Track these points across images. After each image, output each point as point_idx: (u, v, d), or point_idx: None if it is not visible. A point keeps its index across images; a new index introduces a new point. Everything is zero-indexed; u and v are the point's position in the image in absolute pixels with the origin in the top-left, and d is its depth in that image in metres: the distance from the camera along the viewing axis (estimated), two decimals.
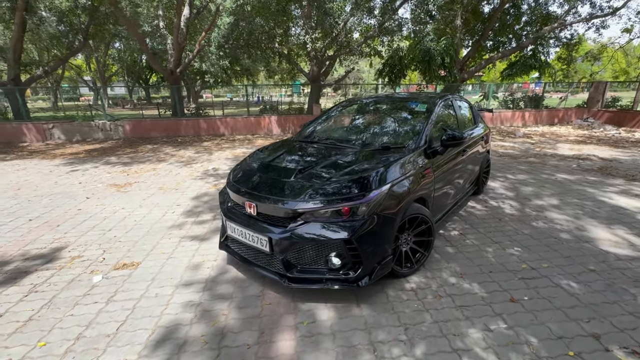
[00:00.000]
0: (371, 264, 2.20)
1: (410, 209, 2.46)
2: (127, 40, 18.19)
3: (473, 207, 4.17)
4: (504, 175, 5.71)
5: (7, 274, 2.76)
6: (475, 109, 4.47)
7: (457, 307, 2.25)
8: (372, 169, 2.36)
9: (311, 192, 2.20)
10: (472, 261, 2.86)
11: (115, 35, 17.02)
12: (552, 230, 3.47)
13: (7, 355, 1.90)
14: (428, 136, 2.88)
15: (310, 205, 2.14)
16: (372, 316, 2.18)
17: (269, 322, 2.14)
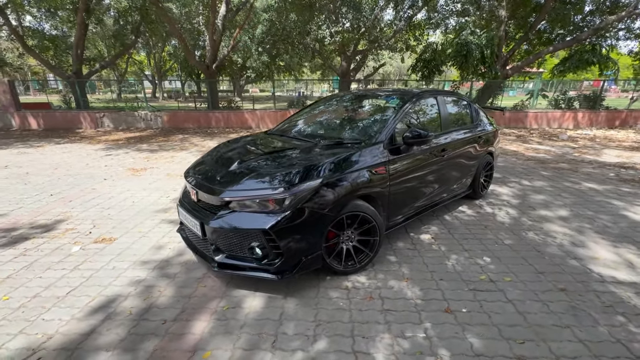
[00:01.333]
0: (295, 257, 2.21)
1: (350, 206, 2.40)
2: (191, 38, 19.52)
3: (462, 212, 3.90)
4: (519, 180, 5.22)
5: (11, 239, 3.24)
6: (475, 107, 4.16)
7: (382, 311, 2.17)
8: (308, 163, 2.35)
9: (242, 181, 2.27)
10: (427, 266, 2.71)
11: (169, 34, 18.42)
12: (539, 243, 3.13)
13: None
14: (389, 133, 2.77)
15: (237, 194, 2.20)
16: (292, 309, 2.20)
17: (195, 303, 2.26)
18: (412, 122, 3.08)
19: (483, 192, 4.35)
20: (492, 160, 4.34)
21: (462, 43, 11.21)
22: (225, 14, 11.77)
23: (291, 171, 2.28)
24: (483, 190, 4.35)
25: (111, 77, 28.96)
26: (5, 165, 6.22)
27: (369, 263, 2.65)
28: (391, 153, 2.72)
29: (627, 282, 2.52)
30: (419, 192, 3.12)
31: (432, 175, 3.23)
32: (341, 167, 2.38)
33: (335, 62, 13.81)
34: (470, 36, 11.34)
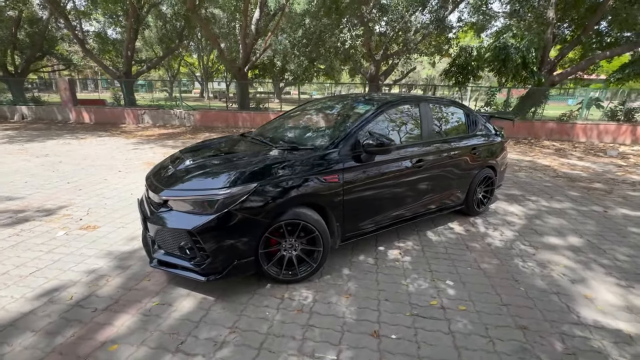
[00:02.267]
0: (224, 260, 2.19)
1: (290, 214, 2.33)
2: (227, 42, 20.60)
3: (449, 228, 3.60)
4: (537, 199, 4.70)
5: (15, 219, 3.62)
6: (474, 117, 3.82)
7: (304, 326, 2.07)
8: (248, 166, 2.32)
9: (183, 182, 2.30)
10: (378, 284, 2.53)
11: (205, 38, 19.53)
12: (523, 272, 2.78)
13: None
14: (348, 140, 2.65)
15: (174, 194, 2.24)
16: (216, 312, 2.18)
17: (131, 295, 2.34)
18: (381, 130, 2.90)
19: (481, 208, 3.98)
20: (492, 175, 3.95)
21: (501, 47, 10.43)
22: (259, 18, 12.16)
23: (229, 174, 2.27)
24: (481, 206, 3.98)
25: (165, 78, 31.35)
26: (46, 154, 7.00)
27: (313, 274, 2.54)
28: (351, 161, 2.60)
29: (610, 328, 2.13)
30: (386, 203, 2.94)
31: (405, 187, 3.02)
32: (281, 172, 2.32)
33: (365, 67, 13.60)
34: (511, 39, 10.52)
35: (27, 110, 13.16)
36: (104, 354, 1.82)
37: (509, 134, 10.65)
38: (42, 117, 13.12)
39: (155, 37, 14.41)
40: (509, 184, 5.42)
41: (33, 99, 13.79)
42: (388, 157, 2.83)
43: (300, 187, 2.35)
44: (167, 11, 12.10)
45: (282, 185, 2.29)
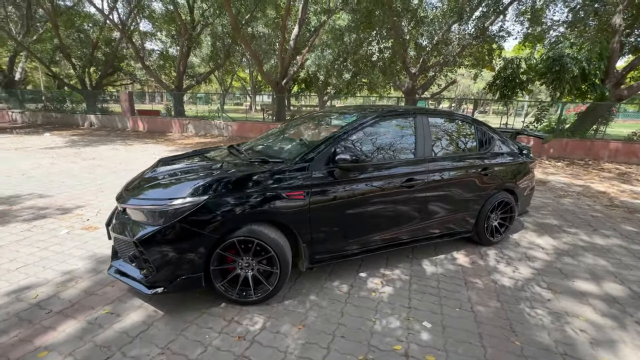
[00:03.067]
0: (170, 274, 2.09)
1: (245, 230, 2.17)
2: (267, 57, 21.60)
3: (451, 258, 3.15)
4: (577, 232, 3.97)
5: (34, 215, 3.95)
6: (488, 133, 3.35)
7: (239, 357, 1.86)
8: (203, 179, 2.22)
9: (144, 191, 2.27)
10: (341, 316, 2.24)
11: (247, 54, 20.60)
12: (528, 323, 2.28)
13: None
14: (321, 155, 2.43)
15: (133, 202, 2.21)
16: (157, 328, 2.07)
17: (88, 301, 2.34)
18: (362, 146, 2.64)
19: (496, 238, 3.43)
20: (511, 200, 3.41)
21: (555, 57, 9.38)
22: (298, 34, 12.46)
23: (185, 185, 2.19)
24: (496, 235, 3.44)
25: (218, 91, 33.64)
26: (93, 158, 7.73)
27: (269, 298, 2.33)
28: (324, 177, 2.38)
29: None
30: (367, 225, 2.64)
31: (392, 208, 2.71)
32: (235, 186, 2.18)
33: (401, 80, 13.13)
34: (567, 49, 9.42)
35: (95, 118, 14.88)
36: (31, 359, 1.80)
37: (559, 153, 9.42)
38: (105, 125, 14.73)
39: (205, 54, 15.52)
40: (545, 211, 4.69)
41: (101, 109, 15.56)
42: (368, 174, 2.56)
43: (256, 202, 2.19)
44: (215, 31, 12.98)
45: (235, 199, 2.14)
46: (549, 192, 5.80)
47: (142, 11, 14.14)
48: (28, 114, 15.91)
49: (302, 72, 29.94)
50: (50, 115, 15.61)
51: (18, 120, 16.19)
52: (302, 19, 12.25)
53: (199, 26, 13.94)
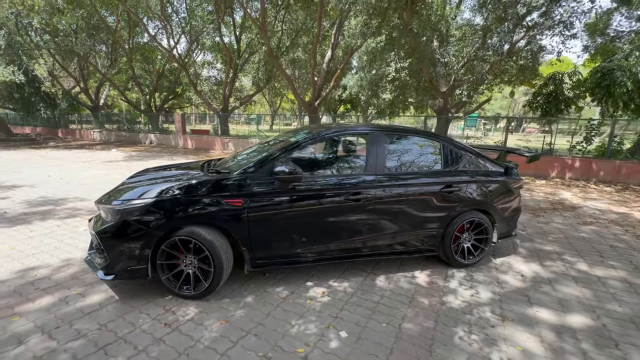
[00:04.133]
0: (120, 264, 2.45)
1: (185, 231, 2.47)
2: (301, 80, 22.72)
3: (409, 277, 3.09)
4: (576, 261, 3.58)
5: (68, 214, 4.74)
6: (454, 151, 3.26)
7: (155, 340, 2.12)
8: (159, 185, 2.59)
9: (113, 195, 2.71)
10: (265, 318, 2.38)
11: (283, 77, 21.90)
12: (454, 346, 2.19)
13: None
14: (261, 166, 2.68)
15: (101, 204, 2.66)
16: (106, 309, 2.43)
17: (71, 282, 2.80)
18: (307, 160, 2.82)
19: (468, 260, 3.27)
20: (485, 221, 3.24)
21: (603, 71, 8.52)
22: (331, 58, 13.05)
23: (142, 189, 2.59)
24: (469, 258, 3.27)
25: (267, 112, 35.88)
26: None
27: (207, 294, 2.57)
28: (264, 187, 2.61)
29: None
30: (311, 235, 2.77)
31: (337, 220, 2.81)
32: (180, 192, 2.51)
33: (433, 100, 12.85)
34: (623, 61, 8.50)
35: (154, 137, 16.96)
36: (4, 321, 2.26)
37: (612, 177, 8.30)
38: (162, 143, 16.67)
39: (249, 79, 17.05)
40: (552, 237, 4.28)
41: (160, 128, 17.70)
42: (310, 186, 2.72)
43: (195, 206, 2.49)
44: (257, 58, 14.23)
45: (177, 203, 2.47)
46: (572, 218, 5.23)
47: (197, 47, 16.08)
48: (105, 132, 18.73)
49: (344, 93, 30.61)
50: (121, 134, 18.18)
51: (97, 138, 19.11)
52: (334, 43, 12.86)
53: (245, 55, 15.39)
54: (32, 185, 6.55)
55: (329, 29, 13.36)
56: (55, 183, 6.79)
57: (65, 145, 15.45)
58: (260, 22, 10.86)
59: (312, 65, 12.40)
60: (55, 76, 19.90)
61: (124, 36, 16.31)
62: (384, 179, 2.91)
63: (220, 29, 14.02)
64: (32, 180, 7.06)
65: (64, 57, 17.58)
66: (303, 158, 2.81)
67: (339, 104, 39.39)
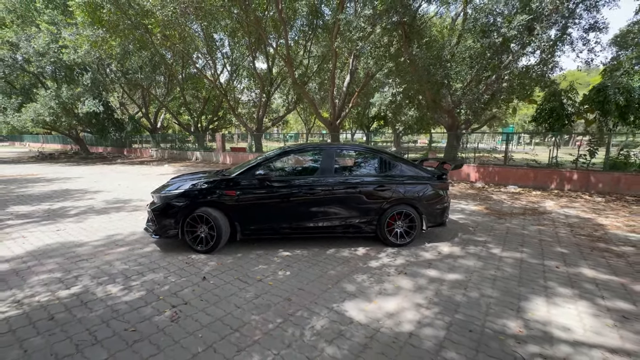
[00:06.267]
0: (164, 229, 4.12)
1: (201, 210, 4.08)
2: (324, 102, 24.55)
3: (352, 250, 4.40)
4: (498, 247, 4.62)
5: (132, 208, 6.72)
6: (389, 161, 4.58)
7: (171, 272, 3.72)
8: (185, 183, 4.29)
9: (160, 189, 4.45)
10: (236, 262, 3.88)
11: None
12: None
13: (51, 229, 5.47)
14: (248, 171, 4.26)
15: (155, 194, 4.40)
16: (152, 255, 4.09)
17: (133, 244, 4.56)
18: (280, 167, 4.36)
19: (401, 241, 4.49)
20: (413, 212, 4.47)
21: (599, 88, 9.07)
22: (349, 82, 14.66)
23: (174, 186, 4.30)
24: (401, 239, 4.49)
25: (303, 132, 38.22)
26: None
27: (212, 250, 4.14)
28: (248, 184, 4.17)
29: None
30: (283, 217, 4.25)
31: (301, 207, 4.26)
32: (198, 187, 4.16)
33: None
34: (622, 77, 9.01)
35: (200, 154, 19.70)
36: (101, 256, 4.02)
37: (611, 188, 8.64)
38: (206, 159, 19.30)
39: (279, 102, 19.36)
40: (493, 233, 5.28)
41: (205, 147, 20.48)
42: (281, 184, 4.23)
43: (207, 195, 4.11)
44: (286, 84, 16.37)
45: (196, 192, 4.12)
46: (530, 221, 6.07)
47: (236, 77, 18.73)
48: (160, 150, 22.03)
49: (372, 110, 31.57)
50: (173, 151, 21.30)
51: (154, 155, 22.49)
52: (352, 70, 14.49)
53: (278, 80, 17.66)
54: (108, 190, 8.87)
55: (347, 57, 15.03)
56: (123, 189, 9.07)
57: (130, 162, 18.71)
58: (286, 55, 12.87)
59: (330, 90, 14.10)
60: (124, 104, 23.98)
61: (177, 70, 19.52)
62: (331, 177, 4.32)
63: (254, 61, 16.40)
64: (107, 187, 9.44)
65: (130, 89, 21.34)
66: (273, 166, 4.38)
67: (371, 120, 40.79)
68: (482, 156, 15.11)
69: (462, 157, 12.54)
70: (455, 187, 10.05)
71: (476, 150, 14.41)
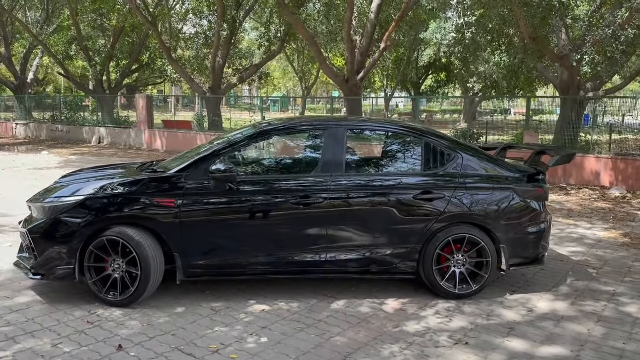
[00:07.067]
0: (49, 263, 4.47)
1: (114, 231, 4.43)
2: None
3: (378, 303, 4.73)
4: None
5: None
6: (444, 148, 4.88)
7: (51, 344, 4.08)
8: (91, 184, 4.65)
9: (45, 194, 4.83)
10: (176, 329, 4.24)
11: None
12: None
13: None
14: (198, 165, 4.61)
15: (33, 203, 4.78)
16: (33, 310, 4.46)
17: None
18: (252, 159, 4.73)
19: (463, 289, 4.79)
20: (482, 239, 4.76)
21: None
22: (381, 4, 14.99)
23: (74, 187, 4.67)
24: (464, 285, 4.81)
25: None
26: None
27: (135, 300, 4.48)
28: (198, 187, 4.52)
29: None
30: (257, 243, 4.63)
31: (285, 227, 4.64)
32: (110, 191, 4.51)
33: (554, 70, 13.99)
34: None
35: (105, 132, 20.18)
36: None
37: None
38: (117, 142, 19.79)
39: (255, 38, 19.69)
40: (631, 275, 5.59)
41: (115, 119, 20.98)
42: (252, 187, 4.58)
43: (125, 205, 4.47)
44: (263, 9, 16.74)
45: (105, 201, 4.47)
46: None
47: None
48: (33, 126, 22.56)
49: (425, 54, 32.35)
50: (56, 128, 21.80)
51: (22, 134, 23.02)
52: None
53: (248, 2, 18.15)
54: None
55: None
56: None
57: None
58: None
59: (346, 20, 14.45)
60: None
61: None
62: (341, 180, 4.65)
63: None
64: None
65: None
66: (239, 156, 4.78)
67: (423, 73, 41.30)
68: (625, 140, 15.37)
69: (585, 140, 12.77)
70: (572, 197, 10.36)
71: (612, 129, 14.60)
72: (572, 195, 10.61)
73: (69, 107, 22.89)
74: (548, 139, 15.33)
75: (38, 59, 26.27)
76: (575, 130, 12.83)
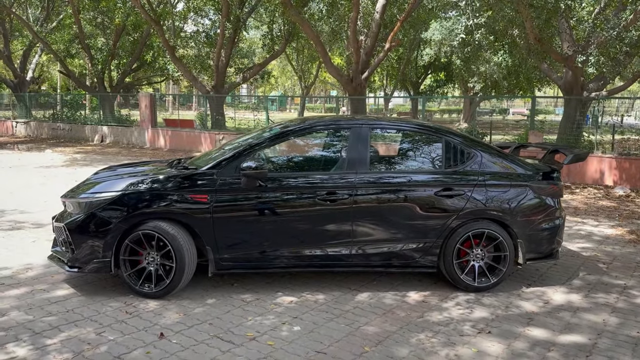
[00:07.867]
0: (86, 256, 4.70)
1: (150, 225, 4.66)
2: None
3: (400, 295, 4.99)
4: None
5: (6, 226, 7.35)
6: (463, 147, 5.14)
7: (97, 330, 4.31)
8: (126, 179, 4.88)
9: (79, 190, 5.06)
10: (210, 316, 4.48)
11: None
12: None
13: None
14: (229, 162, 4.84)
15: (68, 198, 5.00)
16: (71, 301, 4.68)
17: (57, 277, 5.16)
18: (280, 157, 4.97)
19: (482, 282, 5.06)
20: (499, 234, 5.03)
21: None
22: (386, 4, 15.25)
23: (108, 184, 4.89)
24: (483, 278, 5.07)
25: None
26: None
27: (169, 292, 4.72)
28: (230, 184, 4.76)
29: None
30: (286, 238, 4.87)
31: (312, 223, 4.87)
32: (146, 187, 4.75)
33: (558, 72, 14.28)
34: None
35: (108, 130, 20.36)
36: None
37: None
38: (119, 141, 19.98)
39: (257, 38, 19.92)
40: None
41: (117, 117, 21.17)
42: (280, 184, 4.82)
43: (159, 201, 4.70)
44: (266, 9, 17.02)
45: (140, 197, 4.70)
46: None
47: None
48: (33, 125, 22.70)
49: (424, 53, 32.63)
50: (57, 127, 21.97)
51: (22, 132, 23.16)
52: None
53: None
54: None
55: None
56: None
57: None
58: None
59: (352, 19, 14.69)
60: None
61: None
62: (365, 177, 4.90)
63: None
64: None
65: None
66: (268, 154, 4.99)
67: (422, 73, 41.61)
68: (627, 141, 15.64)
69: (589, 140, 13.08)
70: (577, 195, 10.64)
71: (615, 129, 14.90)
72: (577, 193, 10.89)
73: (69, 106, 23.10)
74: (551, 138, 15.66)
75: (37, 57, 26.39)
76: (578, 129, 13.11)
